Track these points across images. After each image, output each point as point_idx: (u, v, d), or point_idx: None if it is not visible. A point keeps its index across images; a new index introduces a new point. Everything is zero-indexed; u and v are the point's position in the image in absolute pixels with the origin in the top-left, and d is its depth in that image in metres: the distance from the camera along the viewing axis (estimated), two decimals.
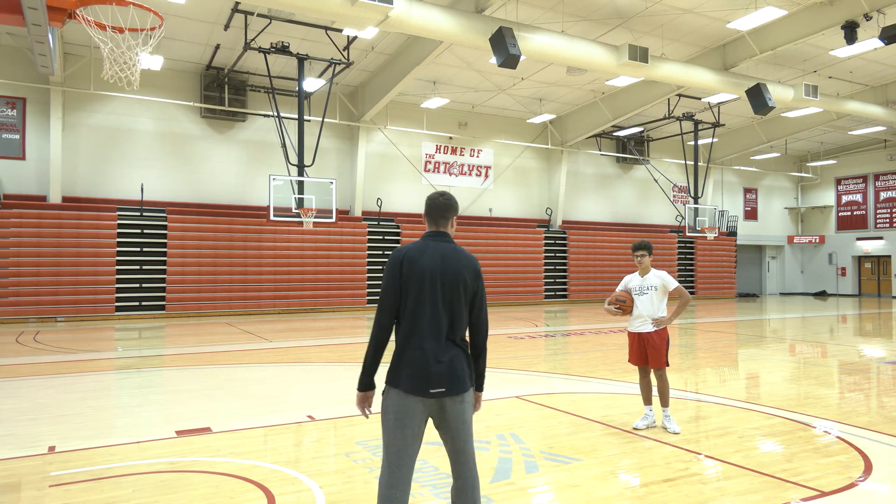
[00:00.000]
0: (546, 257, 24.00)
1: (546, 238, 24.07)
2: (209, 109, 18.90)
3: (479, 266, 3.05)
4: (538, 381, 8.01)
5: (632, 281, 5.74)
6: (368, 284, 20.68)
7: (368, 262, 20.66)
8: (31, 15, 5.13)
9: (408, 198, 22.25)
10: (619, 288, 5.81)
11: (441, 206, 3.08)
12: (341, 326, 15.45)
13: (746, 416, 6.12)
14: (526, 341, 12.35)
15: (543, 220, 24.79)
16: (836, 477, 4.38)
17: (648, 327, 5.59)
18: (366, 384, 3.06)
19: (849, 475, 4.42)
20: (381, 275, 22.42)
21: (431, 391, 2.85)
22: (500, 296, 22.79)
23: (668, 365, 5.59)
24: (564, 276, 24.35)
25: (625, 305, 5.65)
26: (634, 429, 5.49)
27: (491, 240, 22.75)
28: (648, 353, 5.59)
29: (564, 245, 24.49)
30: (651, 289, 5.60)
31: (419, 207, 22.38)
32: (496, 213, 24.01)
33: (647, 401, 5.69)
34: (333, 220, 16.76)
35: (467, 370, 2.95)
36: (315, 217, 16.40)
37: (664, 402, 5.60)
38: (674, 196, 27.89)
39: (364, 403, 3.06)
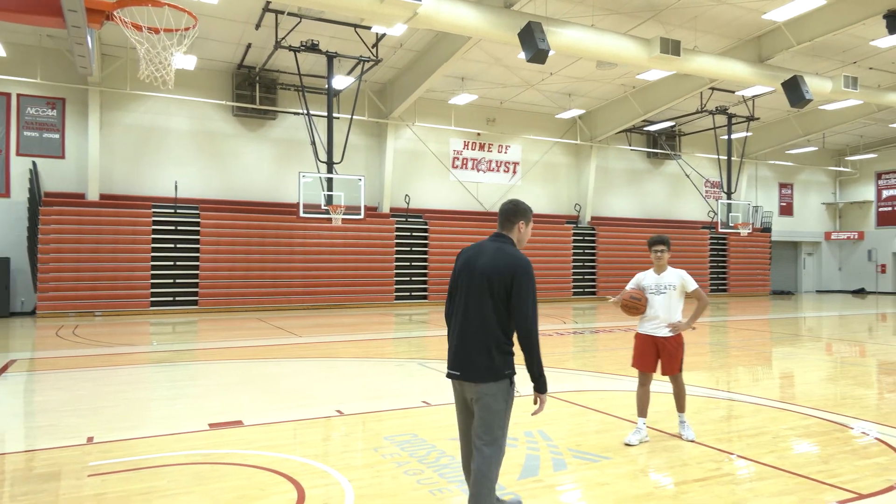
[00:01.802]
0: (574, 254, 23.81)
1: (575, 234, 23.87)
2: (241, 108, 19.17)
3: (523, 266, 3.12)
4: (567, 379, 7.95)
5: (646, 279, 5.21)
6: (396, 281, 20.76)
7: (396, 258, 20.74)
8: (71, 17, 5.27)
9: (436, 194, 22.27)
10: (630, 285, 5.26)
11: (505, 210, 3.36)
12: (369, 323, 15.54)
13: (781, 416, 5.99)
14: (554, 338, 12.28)
15: (572, 217, 24.58)
16: (874, 479, 4.26)
17: (664, 331, 5.08)
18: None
19: (887, 477, 4.30)
20: (409, 272, 22.52)
21: (449, 372, 3.29)
22: None
23: (680, 371, 5.14)
24: (594, 273, 24.12)
25: (639, 304, 5.10)
26: (626, 444, 4.94)
27: None
28: (662, 359, 5.10)
29: (594, 241, 24.26)
30: (669, 288, 5.09)
31: (447, 204, 22.39)
32: None
33: (643, 412, 5.14)
34: (362, 216, 16.83)
35: (490, 362, 3.10)
36: (344, 214, 16.49)
37: (681, 408, 5.18)
38: (706, 191, 27.39)
39: None
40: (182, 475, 4.33)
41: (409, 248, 21.03)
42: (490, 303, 3.11)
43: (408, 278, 21.01)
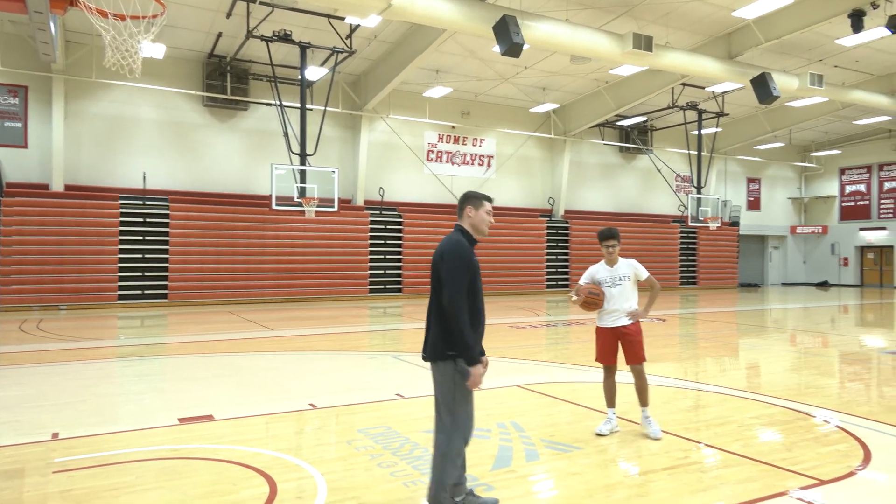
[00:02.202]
0: (548, 247, 23.99)
1: (548, 228, 24.04)
2: (211, 98, 18.85)
3: (451, 246, 3.42)
4: (539, 371, 8.03)
5: (600, 272, 5.23)
6: (370, 274, 20.70)
7: (370, 251, 20.67)
8: (33, 2, 5.12)
9: (410, 187, 22.22)
10: (583, 279, 5.28)
11: (458, 203, 3.68)
12: (343, 315, 15.48)
13: (746, 406, 6.14)
14: (527, 331, 12.37)
15: (546, 210, 24.75)
16: (835, 466, 4.40)
17: (624, 321, 5.11)
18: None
19: (848, 464, 4.44)
20: (383, 265, 22.47)
21: (422, 355, 3.53)
22: (502, 285, 22.80)
23: (644, 360, 5.18)
24: (567, 266, 24.34)
25: (599, 299, 5.10)
26: (597, 434, 5.04)
27: (493, 229, 22.51)
28: (625, 349, 5.12)
29: (567, 235, 24.47)
30: (624, 279, 5.15)
31: (422, 197, 22.36)
32: (498, 203, 23.95)
33: (612, 403, 5.21)
34: (335, 209, 16.73)
35: (435, 341, 3.38)
36: (317, 206, 16.38)
37: (644, 401, 5.13)
38: (677, 186, 27.81)
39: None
40: (151, 471, 4.27)
41: (383, 241, 20.97)
42: (437, 286, 3.42)
43: (382, 271, 20.96)
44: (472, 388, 3.34)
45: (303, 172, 16.35)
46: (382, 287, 20.91)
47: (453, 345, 3.32)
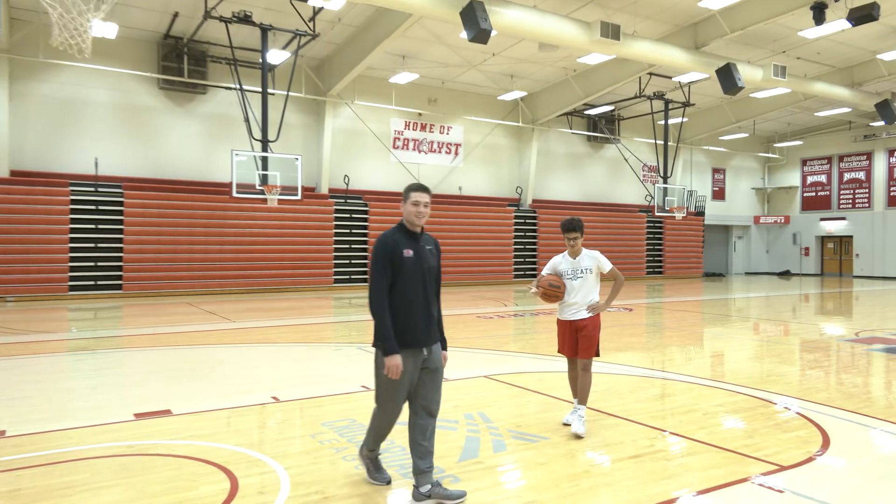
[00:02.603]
0: (516, 236, 24.14)
1: (516, 217, 24.19)
2: (167, 81, 18.37)
3: (376, 241, 3.75)
4: (507, 361, 8.09)
5: (562, 264, 5.16)
6: (335, 264, 20.55)
7: (335, 240, 20.51)
8: None
9: (376, 175, 22.08)
10: (546, 271, 5.22)
11: None
12: (307, 307, 15.35)
13: (711, 394, 6.29)
14: (495, 321, 12.45)
15: (514, 199, 24.88)
16: (795, 452, 4.54)
17: (583, 314, 5.06)
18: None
19: (807, 450, 4.59)
20: (348, 254, 22.36)
21: None
22: (470, 275, 22.88)
23: (597, 355, 5.10)
24: (535, 256, 24.54)
25: (558, 292, 5.05)
26: (564, 424, 5.10)
27: (460, 218, 22.75)
28: (580, 342, 5.06)
29: (535, 224, 24.66)
30: (586, 272, 5.07)
31: (388, 185, 22.24)
32: (466, 192, 24.00)
33: (577, 393, 5.17)
34: (299, 197, 16.55)
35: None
36: (279, 194, 16.17)
37: (582, 399, 5.02)
38: (643, 176, 28.26)
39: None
40: (105, 468, 4.17)
41: (348, 231, 20.82)
42: None
43: (347, 261, 20.83)
44: (390, 377, 3.67)
45: (264, 159, 16.10)
46: (348, 277, 20.79)
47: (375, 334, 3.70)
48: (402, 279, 3.66)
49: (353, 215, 20.83)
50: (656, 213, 23.54)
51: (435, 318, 3.81)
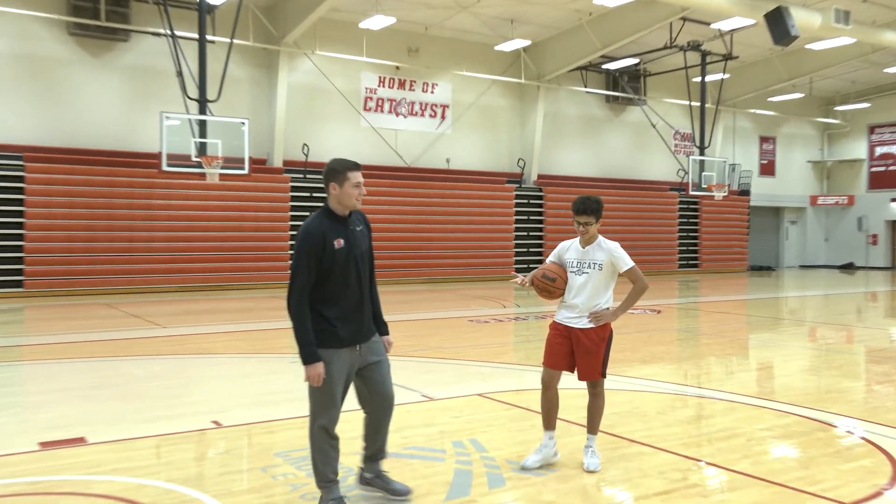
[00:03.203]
0: (517, 221, 24.17)
1: (518, 196, 24.21)
2: (80, 25, 18.15)
3: (299, 231, 3.99)
4: (506, 375, 8.12)
5: (569, 251, 4.97)
6: (292, 255, 20.49)
7: (292, 225, 20.44)
8: None
9: (343, 143, 21.99)
10: (551, 257, 5.09)
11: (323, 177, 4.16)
12: (259, 309, 15.30)
13: (757, 415, 6.35)
14: (491, 326, 12.47)
15: (515, 175, 24.90)
16: (860, 485, 4.59)
17: (583, 322, 4.82)
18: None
19: (874, 482, 4.64)
20: None
21: None
22: (460, 269, 22.92)
23: (603, 377, 4.90)
24: (541, 245, 24.60)
25: (554, 286, 4.89)
26: (523, 468, 4.80)
27: (448, 198, 22.74)
28: (577, 358, 4.83)
29: (541, 205, 24.70)
30: (594, 266, 4.82)
31: (358, 156, 21.86)
32: (455, 165, 23.99)
33: (550, 424, 4.90)
34: (246, 171, 16.48)
35: None
36: (222, 168, 16.08)
37: (593, 428, 4.92)
38: (675, 146, 28.37)
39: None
40: None
41: (308, 213, 20.72)
42: None
43: None
44: (311, 384, 3.97)
45: (202, 124, 15.98)
46: None
47: (322, 336, 3.94)
48: (333, 274, 3.94)
49: (314, 193, 20.77)
50: (691, 193, 23.66)
51: (371, 310, 4.18)
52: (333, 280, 3.96)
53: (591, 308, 4.83)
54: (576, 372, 4.92)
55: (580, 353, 4.83)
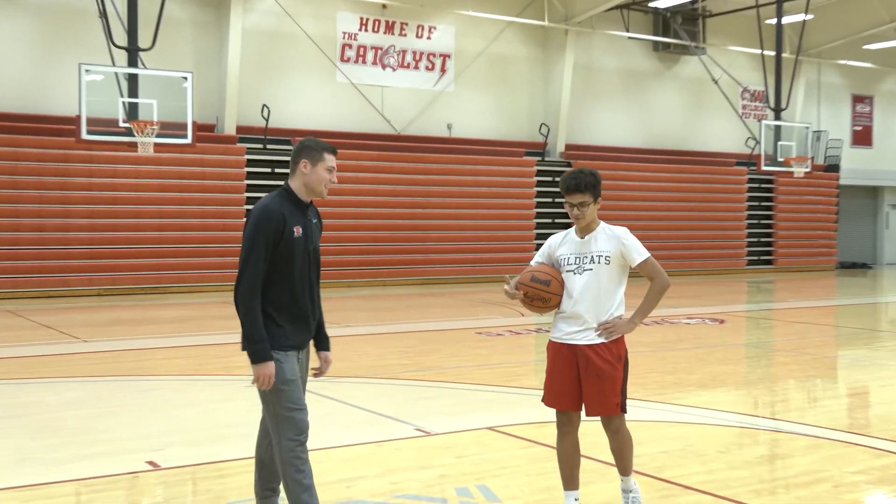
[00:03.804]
0: (539, 204, 24.12)
1: (540, 173, 24.16)
2: None
3: (253, 211, 4.26)
4: (523, 403, 8.12)
5: (563, 245, 4.80)
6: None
7: (248, 209, 20.40)
8: None
9: (314, 105, 21.96)
10: (537, 258, 4.93)
11: (293, 152, 4.36)
12: (203, 317, 15.31)
13: (847, 454, 6.35)
14: (505, 340, 12.47)
15: (536, 145, 24.86)
16: None
17: (591, 336, 4.63)
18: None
19: None
20: None
21: None
22: (465, 267, 22.88)
23: (624, 411, 4.73)
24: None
25: (548, 291, 4.69)
26: None
27: (450, 174, 22.71)
28: (585, 386, 4.64)
29: None
30: (600, 260, 4.63)
31: (333, 120, 22.16)
32: (459, 133, 23.93)
33: (572, 482, 4.82)
34: (189, 140, 16.46)
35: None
36: (158, 135, 16.06)
37: (624, 469, 4.85)
38: (743, 107, 28.29)
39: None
40: None
41: (269, 191, 20.68)
42: None
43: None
44: (259, 388, 4.11)
45: (133, 79, 15.96)
46: None
47: (275, 336, 4.13)
48: (288, 265, 4.18)
49: (277, 168, 20.74)
50: (763, 168, 23.61)
51: (318, 313, 4.46)
52: (287, 274, 4.17)
53: (600, 316, 4.65)
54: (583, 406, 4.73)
55: (589, 378, 4.62)
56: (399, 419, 7.17)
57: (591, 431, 5.22)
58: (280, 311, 4.17)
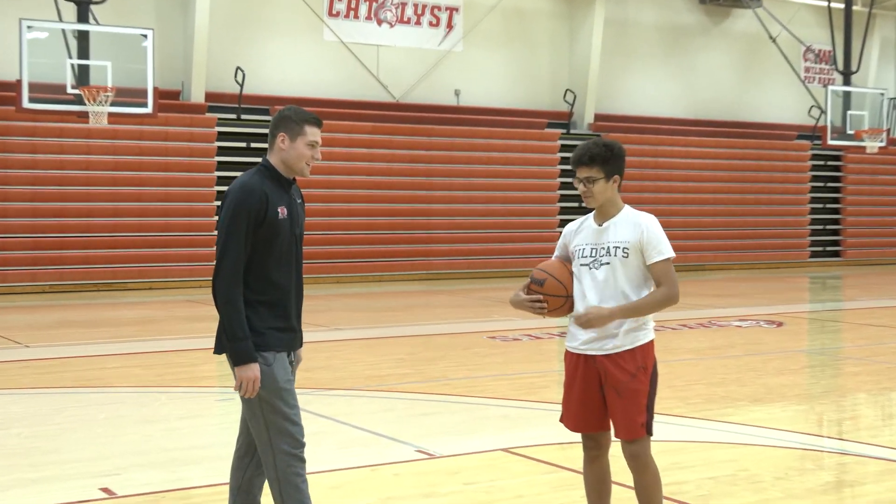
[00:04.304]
0: (563, 184, 24.11)
1: (564, 148, 24.15)
2: None
3: (230, 192, 4.17)
4: (543, 421, 8.12)
5: (578, 234, 4.69)
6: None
7: (219, 190, 20.41)
8: None
9: (297, 68, 21.99)
10: (556, 252, 4.87)
11: (271, 124, 4.31)
12: (166, 318, 15.34)
13: None
14: (523, 346, 12.49)
15: (560, 115, 24.85)
16: None
17: (610, 344, 4.51)
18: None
19: None
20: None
21: None
22: (476, 260, 22.87)
23: (650, 433, 4.53)
24: None
25: (542, 293, 4.66)
26: None
27: (458, 150, 22.69)
28: (609, 403, 4.55)
29: None
30: (616, 252, 4.50)
31: (320, 86, 22.16)
32: (468, 100, 23.92)
33: None
34: (150, 109, 16.49)
35: (222, 329, 4.12)
36: (113, 104, 16.11)
37: None
38: (806, 70, 28.22)
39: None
40: None
41: (242, 168, 20.73)
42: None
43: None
44: (243, 395, 4.09)
45: (83, 38, 15.98)
46: None
47: (259, 333, 4.09)
48: (273, 250, 4.16)
49: (252, 143, 20.75)
50: (829, 142, 23.55)
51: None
52: (272, 260, 4.16)
53: (621, 322, 4.49)
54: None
55: (609, 394, 4.52)
56: (398, 439, 7.19)
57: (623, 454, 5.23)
58: (266, 304, 4.16)
